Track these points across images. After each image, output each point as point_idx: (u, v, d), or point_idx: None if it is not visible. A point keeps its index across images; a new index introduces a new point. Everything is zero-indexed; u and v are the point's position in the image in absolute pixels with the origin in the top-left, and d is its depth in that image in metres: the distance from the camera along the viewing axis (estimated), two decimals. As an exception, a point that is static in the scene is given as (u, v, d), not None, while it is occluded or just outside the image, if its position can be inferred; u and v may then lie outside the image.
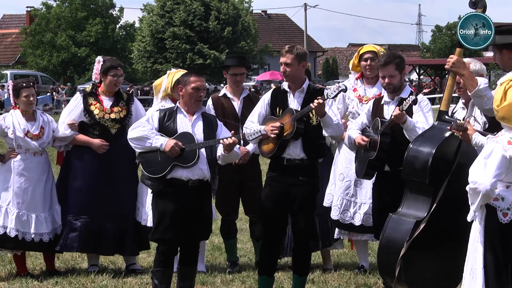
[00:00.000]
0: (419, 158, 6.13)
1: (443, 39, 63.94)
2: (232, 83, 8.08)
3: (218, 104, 7.99)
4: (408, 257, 5.98)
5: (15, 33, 59.61)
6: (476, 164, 5.16)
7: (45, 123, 7.82)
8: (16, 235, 7.66)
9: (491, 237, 5.20)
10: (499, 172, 5.08)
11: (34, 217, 7.70)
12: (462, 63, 6.08)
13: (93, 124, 7.83)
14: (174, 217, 6.49)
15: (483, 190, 5.04)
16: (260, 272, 6.89)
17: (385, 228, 6.27)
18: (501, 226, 5.16)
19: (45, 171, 7.80)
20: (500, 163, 5.08)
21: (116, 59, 8.12)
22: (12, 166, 7.70)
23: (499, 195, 5.17)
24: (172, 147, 6.42)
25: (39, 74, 45.33)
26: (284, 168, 6.67)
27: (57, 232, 7.84)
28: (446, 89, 6.32)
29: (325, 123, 6.64)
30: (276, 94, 6.86)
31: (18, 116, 7.74)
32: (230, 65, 8.07)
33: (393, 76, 6.80)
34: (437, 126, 6.26)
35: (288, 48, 6.72)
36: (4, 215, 7.67)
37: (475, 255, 5.27)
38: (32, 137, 7.69)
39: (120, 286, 7.51)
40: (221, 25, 46.66)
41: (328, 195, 7.92)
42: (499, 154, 5.09)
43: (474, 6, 6.28)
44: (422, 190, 6.17)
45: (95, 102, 7.88)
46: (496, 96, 5.21)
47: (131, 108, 7.98)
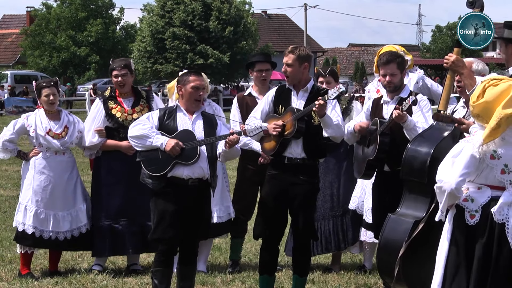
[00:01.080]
0: (418, 158, 6.14)
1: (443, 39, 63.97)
2: (258, 80, 8.07)
3: (243, 103, 8.00)
4: (407, 257, 5.98)
5: (15, 33, 59.65)
6: (444, 163, 5.15)
7: (70, 123, 7.86)
8: (33, 232, 7.69)
9: (456, 237, 5.20)
10: (467, 171, 5.06)
11: (52, 215, 7.74)
12: (461, 62, 6.09)
13: (118, 127, 7.86)
14: (174, 216, 6.49)
15: (448, 189, 5.03)
16: (261, 272, 6.91)
17: (384, 228, 6.28)
18: (467, 227, 5.15)
19: (67, 169, 7.83)
20: (468, 162, 5.06)
21: (119, 60, 8.14)
22: (33, 164, 7.76)
23: (469, 196, 5.16)
24: (173, 146, 6.42)
25: (39, 74, 45.31)
26: (285, 167, 6.68)
27: (82, 230, 7.86)
28: (444, 89, 6.33)
29: (325, 123, 6.65)
30: (280, 92, 6.87)
31: (42, 115, 7.82)
32: (256, 61, 8.08)
33: (394, 75, 6.81)
34: (435, 126, 6.26)
35: (291, 49, 6.76)
36: (24, 212, 7.73)
37: (440, 254, 5.28)
38: (53, 136, 7.74)
39: (120, 286, 7.51)
40: (222, 25, 46.68)
41: (354, 197, 7.89)
42: (468, 153, 5.08)
43: (472, 5, 6.29)
44: (421, 190, 6.17)
45: (116, 105, 7.91)
46: (474, 93, 5.19)
47: (152, 105, 8.00)
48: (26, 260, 7.91)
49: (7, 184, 14.30)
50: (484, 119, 5.12)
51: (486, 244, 5.10)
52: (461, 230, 5.18)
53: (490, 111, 5.07)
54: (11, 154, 7.89)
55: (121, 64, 7.97)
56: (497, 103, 5.06)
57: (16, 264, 8.19)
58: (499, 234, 5.07)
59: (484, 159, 5.09)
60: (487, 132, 5.03)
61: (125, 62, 8.07)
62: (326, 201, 7.92)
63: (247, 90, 8.24)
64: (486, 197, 5.13)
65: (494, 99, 5.07)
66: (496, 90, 5.09)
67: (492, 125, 5.02)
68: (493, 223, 5.09)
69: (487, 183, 5.15)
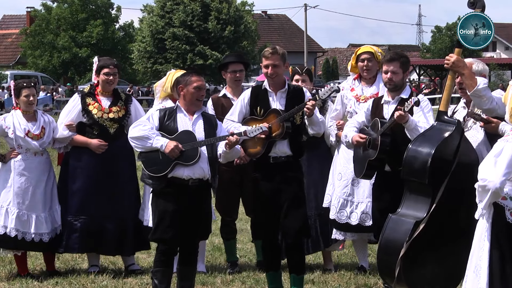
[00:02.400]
0: (418, 159, 6.13)
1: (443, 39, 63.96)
2: (232, 81, 8.05)
3: (218, 105, 7.98)
4: (408, 258, 5.98)
5: (15, 33, 59.64)
6: (486, 162, 5.15)
7: (46, 123, 7.83)
8: (16, 235, 7.66)
9: (498, 236, 5.18)
10: (509, 170, 5.06)
11: (35, 217, 7.70)
12: (462, 62, 6.09)
13: (92, 124, 7.84)
14: (174, 217, 6.50)
15: (493, 187, 5.02)
16: (267, 269, 6.97)
17: (385, 229, 6.27)
18: (508, 225, 5.15)
19: (45, 171, 7.81)
20: (510, 161, 5.06)
21: (110, 58, 8.12)
22: (13, 166, 7.71)
23: (507, 194, 5.15)
24: (172, 149, 6.42)
25: (39, 75, 45.34)
26: (270, 166, 6.71)
27: (57, 232, 7.85)
28: (445, 90, 6.34)
29: (312, 122, 6.71)
30: (256, 94, 6.85)
31: (19, 116, 7.76)
32: (229, 62, 8.06)
33: (396, 73, 6.80)
34: (436, 126, 6.26)
35: (273, 50, 6.75)
36: (5, 215, 7.68)
37: (480, 253, 5.25)
38: (32, 137, 7.71)
39: (120, 286, 7.51)
40: (221, 25, 46.67)
41: (327, 195, 7.92)
42: (509, 153, 5.08)
43: (473, 6, 6.29)
44: (422, 190, 6.17)
45: (93, 102, 7.89)
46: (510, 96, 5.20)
47: (129, 108, 7.98)
48: (20, 262, 7.89)
49: None
50: None
51: None
52: (502, 228, 5.18)
53: None
54: None
55: (113, 63, 7.96)
56: None
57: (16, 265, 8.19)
58: None
59: None
60: None
61: (115, 61, 8.06)
62: (310, 200, 7.90)
63: (221, 92, 8.21)
64: None
65: None
66: None
67: None
68: None
69: None
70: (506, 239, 5.17)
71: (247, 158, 7.63)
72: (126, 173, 7.90)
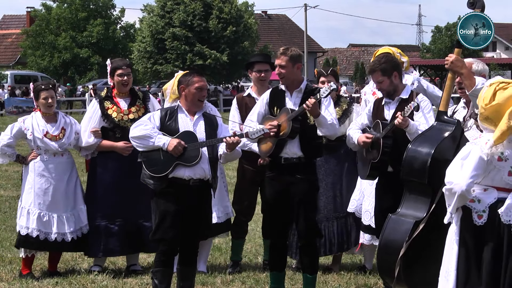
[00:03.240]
0: (418, 159, 6.13)
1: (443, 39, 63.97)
2: (257, 81, 8.07)
3: (242, 104, 8.00)
4: (408, 258, 5.97)
5: (15, 33, 59.66)
6: (453, 165, 5.17)
7: (67, 124, 7.86)
8: (38, 235, 7.69)
9: (465, 239, 5.20)
10: (476, 173, 5.08)
11: (56, 217, 7.74)
12: (461, 62, 6.09)
13: (113, 127, 7.87)
14: (175, 217, 6.50)
15: (459, 190, 5.04)
16: (271, 268, 6.99)
17: (385, 229, 6.27)
18: (475, 228, 5.16)
19: (66, 171, 7.83)
20: (477, 164, 5.08)
21: (122, 59, 8.17)
22: (33, 167, 7.76)
23: (475, 197, 5.16)
24: (175, 146, 6.43)
25: (39, 75, 45.35)
26: (282, 167, 6.72)
27: (83, 231, 7.86)
28: (444, 90, 6.33)
29: (319, 123, 6.70)
30: (274, 94, 6.92)
31: (38, 118, 7.82)
32: (255, 62, 8.09)
33: (380, 82, 6.81)
34: (436, 126, 6.26)
35: (283, 50, 6.80)
36: (27, 216, 7.73)
37: (450, 257, 5.27)
38: (51, 138, 7.74)
39: (120, 286, 7.51)
40: (222, 24, 46.69)
41: (353, 200, 7.89)
42: (476, 155, 5.10)
43: (473, 6, 6.29)
44: (421, 190, 6.17)
45: (112, 106, 7.91)
46: (484, 95, 5.20)
47: (148, 105, 8.01)
48: (27, 262, 7.91)
49: (7, 184, 14.30)
50: (493, 121, 5.14)
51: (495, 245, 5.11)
52: (469, 231, 5.19)
53: (500, 114, 5.11)
54: (9, 158, 7.89)
55: (126, 63, 8.00)
56: (507, 106, 5.09)
57: (16, 265, 8.19)
58: (508, 236, 5.08)
59: (492, 161, 5.10)
60: (498, 134, 5.06)
61: (127, 61, 8.10)
62: (329, 203, 7.92)
63: (246, 91, 8.25)
64: (493, 198, 5.15)
65: (505, 102, 5.10)
66: (506, 93, 5.13)
67: (503, 127, 5.04)
68: (501, 224, 5.10)
69: (493, 185, 5.17)
70: (472, 242, 5.17)
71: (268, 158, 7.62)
72: None
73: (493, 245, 5.11)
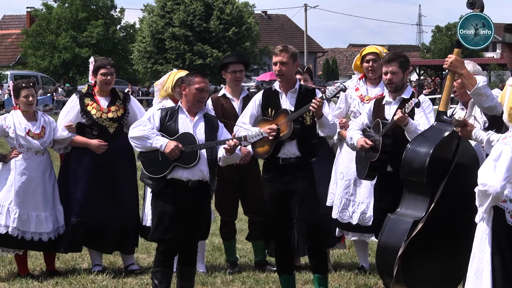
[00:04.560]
0: (417, 158, 6.12)
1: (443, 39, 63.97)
2: (232, 81, 8.05)
3: (218, 105, 7.98)
4: (407, 257, 5.97)
5: (15, 33, 59.63)
6: (485, 166, 5.11)
7: (46, 123, 7.86)
8: (17, 234, 7.67)
9: (499, 239, 5.16)
10: (509, 174, 5.04)
11: (35, 216, 7.72)
12: (460, 62, 6.08)
13: (91, 124, 7.85)
14: (174, 217, 6.50)
15: (494, 192, 4.99)
16: (280, 272, 6.93)
17: (384, 228, 6.27)
18: (509, 228, 5.13)
19: (46, 170, 7.82)
20: (510, 165, 5.03)
21: (106, 58, 8.15)
22: (14, 165, 7.72)
23: (507, 197, 5.12)
24: (172, 149, 6.41)
25: (39, 75, 45.34)
26: (280, 167, 6.69)
27: (60, 232, 7.86)
28: (444, 90, 6.32)
29: (322, 123, 6.68)
30: (267, 95, 6.86)
31: (19, 116, 7.78)
32: (229, 62, 8.06)
33: (395, 73, 6.78)
34: (436, 126, 6.25)
35: (283, 47, 6.75)
36: (6, 214, 7.69)
37: (481, 256, 5.22)
38: (33, 136, 7.73)
39: (120, 286, 7.51)
40: (224, 25, 46.70)
41: (330, 194, 7.92)
42: (508, 156, 5.05)
43: (472, 6, 6.28)
44: (420, 190, 6.16)
45: (92, 103, 7.90)
46: (510, 96, 5.17)
47: (128, 106, 8.00)
48: (20, 261, 7.90)
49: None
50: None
51: None
52: (503, 231, 5.15)
53: None
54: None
55: (109, 63, 7.98)
56: None
57: (16, 265, 8.19)
58: None
59: None
60: None
61: (112, 61, 8.08)
62: None
63: (220, 92, 8.21)
64: None
65: None
66: None
67: None
68: None
69: None
70: (507, 242, 5.15)
71: (247, 158, 7.62)
72: (126, 172, 7.92)
73: None
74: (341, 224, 7.80)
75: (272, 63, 6.81)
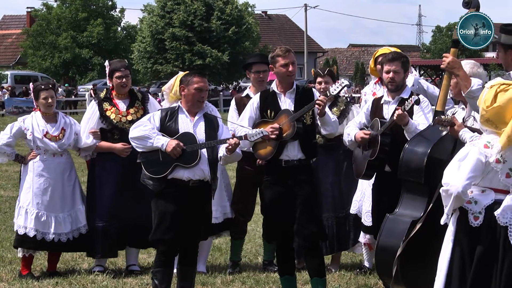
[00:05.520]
0: (415, 158, 6.14)
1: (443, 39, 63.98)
2: (255, 81, 8.05)
3: (241, 105, 7.97)
4: (406, 257, 5.97)
5: (15, 33, 59.65)
6: (450, 166, 5.15)
7: (67, 125, 7.87)
8: (35, 235, 7.70)
9: (460, 240, 5.20)
10: (473, 175, 5.07)
11: (53, 217, 7.75)
12: (457, 63, 6.09)
13: (112, 129, 7.89)
14: (175, 217, 6.50)
15: (455, 192, 5.03)
16: (281, 273, 6.92)
17: (382, 229, 6.28)
18: (471, 229, 5.16)
19: (65, 171, 7.84)
20: (475, 166, 5.07)
21: (120, 60, 8.18)
22: (32, 167, 7.77)
23: (472, 199, 5.16)
24: (174, 147, 6.41)
25: (39, 75, 45.34)
26: (283, 170, 6.66)
27: (81, 231, 7.88)
28: (441, 90, 6.33)
29: (325, 121, 6.67)
30: (265, 97, 6.83)
31: (38, 118, 7.82)
32: (253, 63, 8.07)
33: (397, 73, 6.80)
34: (433, 126, 6.26)
35: (287, 49, 6.76)
36: (25, 215, 7.74)
37: (444, 256, 5.27)
38: (51, 138, 7.74)
39: (120, 286, 7.51)
40: (224, 25, 46.71)
41: (355, 202, 7.87)
42: (474, 157, 5.09)
43: (468, 6, 6.29)
44: (418, 190, 6.17)
45: (111, 107, 7.93)
46: (485, 98, 5.18)
47: (147, 107, 8.01)
48: (26, 262, 7.92)
49: (7, 184, 14.30)
50: (494, 124, 5.13)
51: (489, 247, 5.11)
52: (465, 232, 5.19)
53: (502, 116, 5.09)
54: (9, 158, 7.90)
55: (124, 65, 7.99)
56: (508, 108, 5.08)
57: (16, 265, 8.20)
58: (504, 239, 5.08)
59: (490, 163, 5.09)
60: (505, 139, 5.04)
61: (126, 63, 8.10)
62: (328, 203, 7.92)
63: (244, 92, 8.22)
64: (490, 200, 5.15)
65: (506, 104, 5.09)
66: (507, 95, 5.11)
67: (509, 133, 5.02)
68: (497, 226, 5.10)
69: (491, 186, 5.17)
70: (468, 243, 5.17)
71: None
72: None
73: (487, 247, 5.11)
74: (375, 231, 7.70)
75: (280, 65, 6.71)
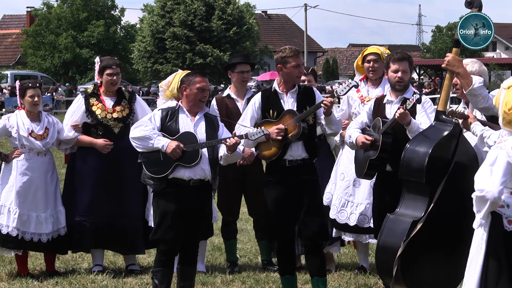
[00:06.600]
0: (416, 158, 6.13)
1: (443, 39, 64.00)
2: (238, 82, 8.02)
3: (222, 105, 7.97)
4: (406, 258, 5.97)
5: (15, 33, 59.64)
6: (482, 171, 5.07)
7: (50, 124, 7.86)
8: (17, 234, 7.67)
9: (495, 245, 5.12)
10: (506, 179, 5.00)
11: (35, 216, 7.72)
12: (458, 61, 6.09)
13: (96, 124, 7.87)
14: (175, 217, 6.50)
15: (491, 197, 4.95)
16: (282, 273, 6.90)
17: (383, 228, 6.27)
18: (506, 234, 5.10)
19: (48, 171, 7.83)
20: (506, 169, 5.00)
21: (112, 58, 8.16)
22: (15, 165, 7.74)
23: (504, 202, 5.09)
24: (174, 149, 6.42)
25: (39, 75, 45.32)
26: (286, 169, 6.65)
27: (61, 233, 7.86)
28: (443, 90, 6.33)
29: (330, 121, 6.66)
30: (266, 97, 6.80)
31: (23, 116, 7.80)
32: (237, 63, 8.04)
33: (406, 72, 6.80)
34: (435, 126, 6.26)
35: (296, 49, 6.74)
36: (7, 214, 7.71)
37: (477, 262, 5.18)
38: (36, 137, 7.73)
39: (120, 286, 7.51)
40: (225, 25, 46.72)
41: (328, 193, 7.90)
42: (504, 161, 5.02)
43: (470, 5, 6.29)
44: (419, 190, 6.17)
45: (97, 103, 7.92)
46: (506, 99, 5.11)
47: (133, 106, 8.00)
48: (20, 261, 7.91)
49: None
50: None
51: None
52: (499, 237, 5.11)
53: None
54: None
55: (116, 63, 7.99)
56: None
57: (16, 265, 8.19)
58: None
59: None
60: None
61: (117, 61, 8.08)
62: None
63: (225, 92, 8.19)
64: None
65: None
66: None
67: None
68: None
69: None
70: (503, 248, 5.11)
71: (250, 159, 7.59)
72: (132, 172, 7.87)
73: None
74: (339, 224, 7.78)
75: (291, 66, 6.67)
